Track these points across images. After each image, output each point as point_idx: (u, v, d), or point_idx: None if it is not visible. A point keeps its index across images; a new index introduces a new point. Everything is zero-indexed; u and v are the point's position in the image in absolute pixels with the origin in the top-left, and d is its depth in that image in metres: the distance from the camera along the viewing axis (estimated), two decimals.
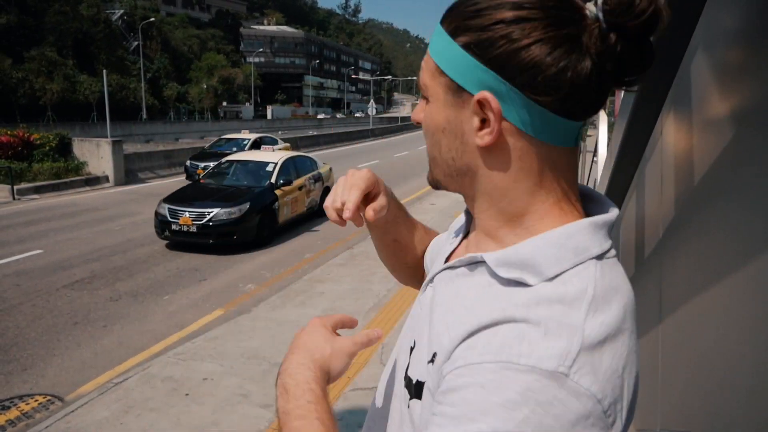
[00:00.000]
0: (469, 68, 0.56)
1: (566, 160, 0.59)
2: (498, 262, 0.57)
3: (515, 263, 0.56)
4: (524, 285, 0.55)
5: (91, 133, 32.44)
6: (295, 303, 5.63)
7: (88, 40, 50.30)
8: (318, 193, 10.43)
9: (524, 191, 0.59)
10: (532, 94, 0.54)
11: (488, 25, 0.54)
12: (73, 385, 4.23)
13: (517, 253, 0.57)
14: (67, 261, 7.37)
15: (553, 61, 0.52)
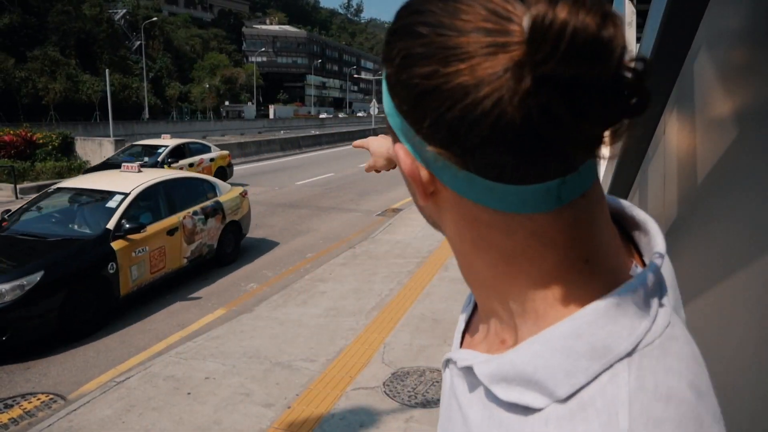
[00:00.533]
0: (391, 108, 0.43)
1: (551, 224, 0.41)
2: (493, 378, 0.43)
3: (514, 379, 0.41)
4: (530, 410, 0.40)
5: (94, 132, 32.51)
6: (296, 302, 5.64)
7: (90, 39, 50.42)
8: (215, 234, 7.05)
9: (494, 261, 0.43)
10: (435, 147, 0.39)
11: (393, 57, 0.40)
12: (76, 383, 4.24)
13: (513, 365, 0.42)
14: None
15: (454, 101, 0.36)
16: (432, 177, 0.42)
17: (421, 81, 0.37)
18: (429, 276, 6.53)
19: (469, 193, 0.41)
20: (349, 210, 11.44)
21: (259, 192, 13.47)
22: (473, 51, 0.35)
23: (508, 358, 0.42)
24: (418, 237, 8.50)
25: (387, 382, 3.97)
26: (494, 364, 0.43)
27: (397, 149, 0.43)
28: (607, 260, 0.43)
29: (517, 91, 0.34)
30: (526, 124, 0.34)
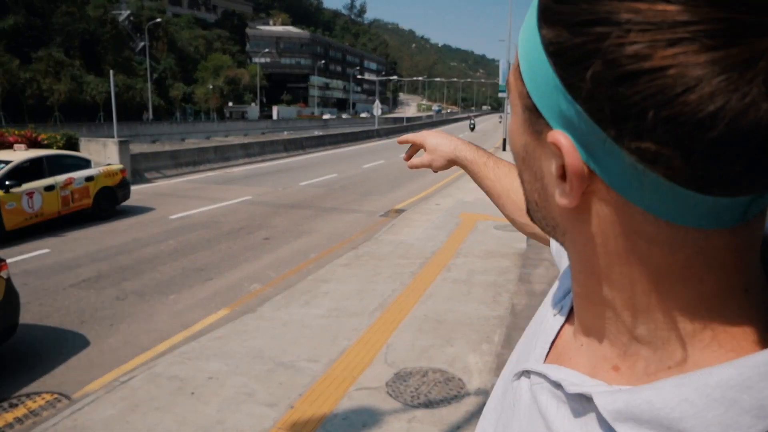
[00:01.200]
0: (548, 84, 0.34)
1: (724, 244, 0.34)
2: (620, 415, 0.35)
3: (649, 422, 0.34)
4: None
5: (98, 133, 32.66)
6: (299, 303, 5.65)
7: (94, 40, 50.65)
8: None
9: (639, 277, 0.36)
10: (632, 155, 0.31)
11: (589, 20, 0.30)
12: (80, 383, 4.27)
13: (652, 406, 0.34)
14: (74, 260, 7.42)
15: (702, 101, 0.27)
16: (591, 175, 0.34)
17: (629, 60, 0.29)
18: (432, 277, 6.53)
19: (642, 198, 0.33)
20: (352, 211, 11.45)
21: (263, 192, 13.51)
22: (712, 29, 0.27)
23: (645, 396, 0.35)
24: (421, 238, 8.51)
25: (389, 383, 3.97)
26: (624, 400, 0.35)
27: (558, 138, 0.34)
28: (764, 292, 0.36)
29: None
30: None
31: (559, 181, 0.36)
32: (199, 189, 14.03)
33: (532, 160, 0.40)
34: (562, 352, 0.47)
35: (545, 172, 0.39)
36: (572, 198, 0.35)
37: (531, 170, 0.40)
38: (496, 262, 7.19)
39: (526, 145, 0.40)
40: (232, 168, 18.79)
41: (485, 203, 11.32)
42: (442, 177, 17.25)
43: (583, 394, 0.39)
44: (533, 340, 0.53)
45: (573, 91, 0.32)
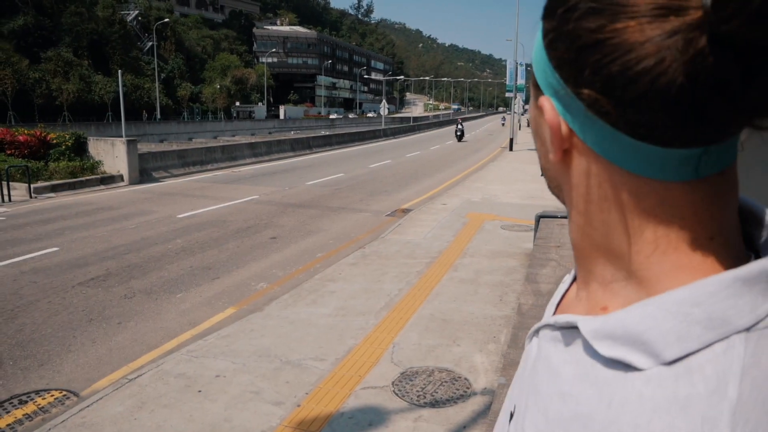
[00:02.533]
0: (543, 63, 0.44)
1: (683, 196, 0.42)
2: (596, 333, 0.43)
3: (620, 337, 0.42)
4: (632, 369, 0.41)
5: (106, 132, 32.87)
6: (306, 302, 5.66)
7: (103, 40, 50.93)
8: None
9: (615, 223, 0.44)
10: (585, 104, 0.41)
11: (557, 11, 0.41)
12: (88, 380, 4.30)
13: (622, 323, 0.42)
14: (83, 259, 7.47)
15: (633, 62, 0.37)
16: (571, 133, 0.44)
17: (586, 34, 0.38)
18: (438, 276, 6.53)
19: (609, 151, 0.42)
20: (359, 210, 11.46)
21: (270, 192, 13.54)
22: (644, 11, 0.36)
23: (618, 316, 0.43)
24: (428, 237, 8.51)
25: (396, 382, 3.98)
26: (600, 321, 0.43)
27: (543, 101, 0.44)
28: (729, 242, 0.43)
29: (686, 52, 0.35)
30: (686, 86, 0.35)
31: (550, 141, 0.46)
32: (207, 188, 14.09)
33: (538, 129, 0.49)
34: (565, 309, 0.55)
35: (546, 137, 0.47)
36: (555, 151, 0.45)
37: (540, 138, 0.49)
38: (503, 261, 7.18)
39: (534, 118, 0.49)
40: (240, 167, 18.85)
41: (492, 203, 11.43)
42: (449, 177, 17.24)
43: (571, 324, 0.47)
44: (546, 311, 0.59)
45: (553, 62, 0.42)
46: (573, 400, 0.43)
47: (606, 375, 0.42)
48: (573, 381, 0.45)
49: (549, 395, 0.47)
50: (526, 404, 0.50)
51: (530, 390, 0.50)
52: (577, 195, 0.46)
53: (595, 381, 0.42)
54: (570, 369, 0.46)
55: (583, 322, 0.45)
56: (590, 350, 0.44)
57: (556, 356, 0.48)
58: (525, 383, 0.53)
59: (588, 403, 0.42)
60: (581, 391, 0.43)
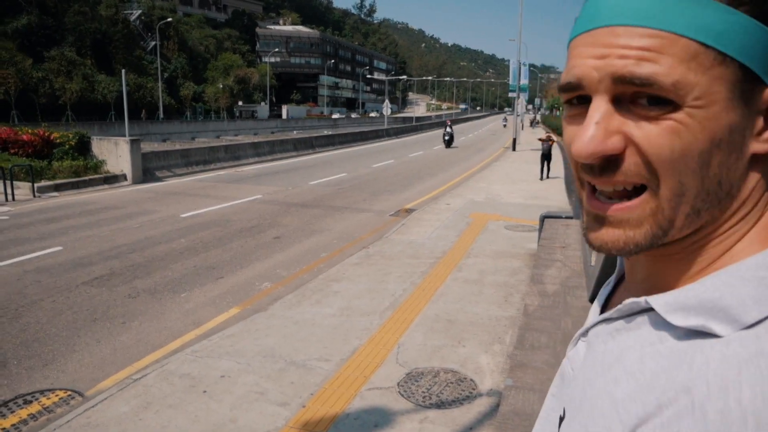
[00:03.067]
0: (760, 44, 0.39)
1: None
2: (669, 306, 0.42)
3: (694, 307, 0.41)
4: (710, 336, 0.40)
5: (109, 132, 32.89)
6: (311, 302, 5.65)
7: (106, 40, 51.02)
8: None
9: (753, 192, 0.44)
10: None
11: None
12: (93, 380, 4.29)
13: (695, 293, 0.41)
14: (87, 258, 7.47)
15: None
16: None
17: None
18: (442, 277, 6.52)
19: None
20: (363, 210, 11.45)
21: (273, 191, 13.54)
22: None
23: (690, 287, 0.42)
24: (432, 237, 8.49)
25: (401, 383, 3.96)
26: (673, 295, 0.43)
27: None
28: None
29: None
30: None
31: (758, 134, 0.42)
32: (210, 188, 14.10)
33: (736, 135, 0.41)
34: (616, 302, 0.53)
35: (746, 138, 0.42)
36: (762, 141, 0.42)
37: (731, 147, 0.41)
38: (507, 262, 7.16)
39: (731, 126, 0.41)
40: (243, 167, 18.85)
41: (496, 203, 11.40)
42: (452, 177, 17.22)
43: (635, 309, 0.46)
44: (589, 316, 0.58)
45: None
46: (646, 373, 0.41)
47: (680, 346, 0.41)
48: (642, 359, 0.43)
49: (613, 379, 0.44)
50: (581, 401, 0.48)
51: (584, 387, 0.48)
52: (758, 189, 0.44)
53: (669, 353, 0.41)
54: (635, 351, 0.44)
55: (654, 299, 0.43)
56: (660, 326, 0.43)
57: (615, 346, 0.47)
58: (575, 384, 0.51)
59: (664, 373, 0.40)
60: (654, 365, 0.41)
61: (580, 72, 0.42)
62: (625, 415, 0.41)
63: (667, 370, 0.40)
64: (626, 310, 0.47)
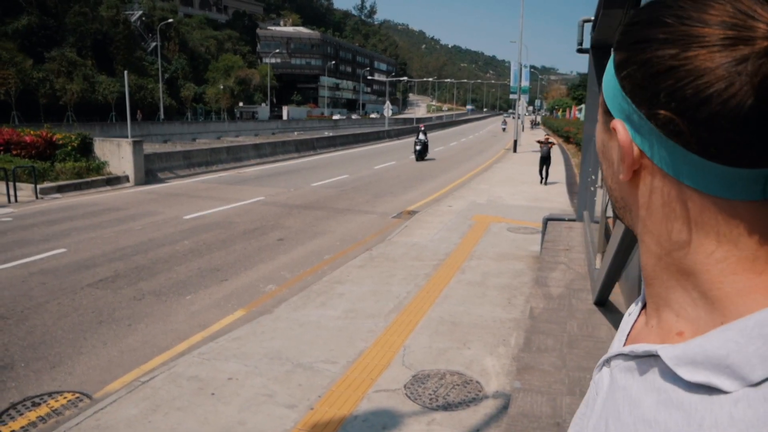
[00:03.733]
0: (614, 89, 0.48)
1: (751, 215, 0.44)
2: (678, 360, 0.45)
3: (702, 363, 0.43)
4: (717, 392, 0.42)
5: (110, 133, 32.96)
6: (315, 304, 5.68)
7: (107, 41, 51.08)
8: None
9: (684, 242, 0.46)
10: (658, 126, 0.44)
11: (632, 43, 0.45)
12: (101, 382, 4.32)
13: (702, 349, 0.43)
14: (91, 260, 7.49)
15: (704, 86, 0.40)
16: (641, 154, 0.47)
17: (661, 61, 0.42)
18: (446, 279, 6.54)
19: (679, 170, 0.44)
20: (365, 212, 11.47)
21: (276, 193, 13.56)
22: (714, 41, 0.40)
23: (697, 342, 0.44)
24: (435, 239, 8.51)
25: (408, 385, 3.99)
26: (681, 348, 0.45)
27: (616, 124, 0.47)
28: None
29: (755, 76, 0.39)
30: (756, 107, 0.39)
31: (620, 162, 0.49)
32: (212, 189, 14.12)
33: (607, 151, 0.52)
34: (636, 338, 0.55)
35: (614, 159, 0.50)
36: (626, 171, 0.48)
37: (608, 160, 0.52)
38: (510, 264, 7.18)
39: (603, 141, 0.52)
40: (245, 168, 18.88)
41: (498, 205, 11.39)
42: (454, 178, 17.25)
43: (650, 353, 0.48)
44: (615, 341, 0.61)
45: (626, 89, 0.46)
46: (661, 426, 0.44)
47: (691, 399, 0.43)
48: (657, 408, 0.45)
49: (633, 423, 0.47)
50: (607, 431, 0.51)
51: (610, 418, 0.51)
52: (646, 214, 0.49)
53: (680, 405, 0.43)
54: (651, 397, 0.47)
55: (663, 350, 0.46)
56: (671, 377, 0.45)
57: (634, 385, 0.49)
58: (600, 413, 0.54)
59: (677, 428, 0.43)
60: (668, 417, 0.44)
61: None
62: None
63: (680, 427, 0.43)
64: (641, 352, 0.49)
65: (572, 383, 3.16)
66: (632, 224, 0.53)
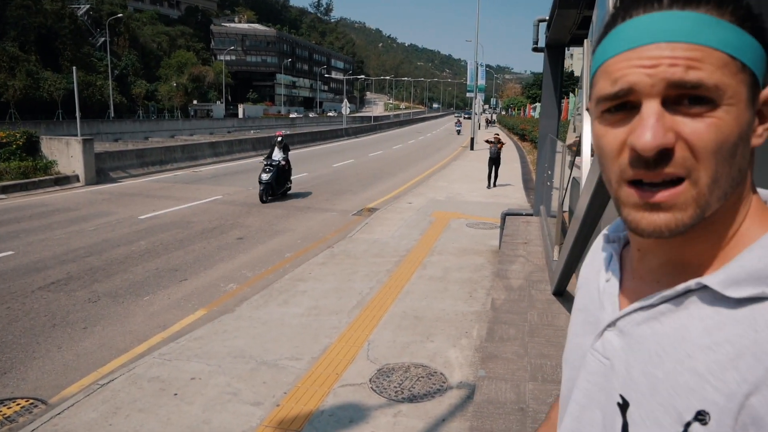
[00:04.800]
0: (759, 56, 0.49)
1: None
2: (724, 283, 0.50)
3: (745, 279, 0.49)
4: (761, 300, 0.48)
5: (57, 131, 31.61)
6: (278, 302, 5.64)
7: (52, 35, 49.00)
8: None
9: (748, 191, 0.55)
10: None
11: None
12: (57, 387, 4.17)
13: (743, 268, 0.50)
14: (41, 262, 7.21)
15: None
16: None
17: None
18: (408, 274, 6.61)
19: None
20: (325, 210, 11.44)
21: (234, 192, 13.36)
22: None
23: (736, 264, 0.50)
24: (396, 236, 8.58)
25: (373, 379, 4.02)
26: (723, 273, 0.50)
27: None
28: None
29: None
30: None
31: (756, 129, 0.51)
32: (168, 188, 13.79)
33: (748, 130, 0.51)
34: (635, 296, 0.58)
35: (751, 135, 0.51)
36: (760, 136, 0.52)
37: (746, 141, 0.51)
38: (470, 259, 7.31)
39: (749, 120, 0.51)
40: (201, 167, 18.51)
41: (457, 202, 11.55)
42: (413, 176, 17.38)
43: (688, 289, 0.52)
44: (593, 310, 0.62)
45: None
46: (725, 344, 0.48)
47: (744, 313, 0.48)
48: (710, 332, 0.49)
49: (686, 355, 0.50)
50: (652, 384, 0.52)
51: (646, 370, 0.53)
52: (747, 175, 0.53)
53: (735, 320, 0.48)
54: (698, 325, 0.50)
55: (707, 280, 0.51)
56: (715, 301, 0.50)
57: (665, 327, 0.53)
58: (628, 371, 0.55)
59: (747, 336, 0.47)
60: (728, 334, 0.48)
61: (634, 79, 0.49)
62: (722, 384, 0.47)
63: (745, 336, 0.47)
64: (672, 294, 0.53)
65: (534, 370, 3.27)
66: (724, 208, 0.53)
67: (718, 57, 0.48)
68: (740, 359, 0.47)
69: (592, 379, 0.60)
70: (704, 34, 0.48)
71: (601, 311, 0.60)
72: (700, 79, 0.47)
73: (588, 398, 0.60)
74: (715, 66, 0.47)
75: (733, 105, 0.48)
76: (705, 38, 0.48)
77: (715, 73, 0.47)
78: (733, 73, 0.48)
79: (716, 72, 0.47)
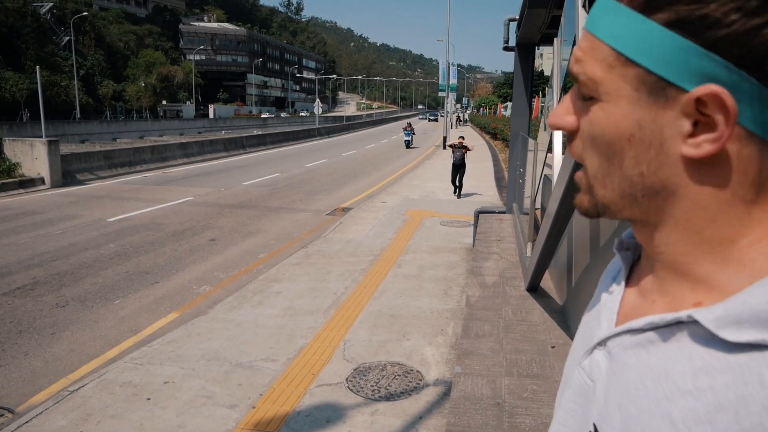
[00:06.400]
0: (680, 55, 0.41)
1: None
2: (721, 322, 0.41)
3: (748, 320, 0.40)
4: (765, 348, 0.40)
5: (21, 133, 30.76)
6: (252, 303, 5.59)
7: (14, 34, 47.59)
8: None
9: (741, 213, 0.44)
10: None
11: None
12: (24, 395, 4.06)
13: (747, 306, 0.41)
14: (5, 267, 7.00)
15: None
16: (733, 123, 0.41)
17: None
18: (383, 273, 6.62)
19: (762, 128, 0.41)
20: (299, 210, 11.38)
21: (205, 193, 13.18)
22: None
23: (740, 300, 0.41)
24: (370, 235, 8.58)
25: (350, 378, 4.02)
26: (721, 308, 0.42)
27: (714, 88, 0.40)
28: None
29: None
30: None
31: (686, 138, 0.42)
32: (137, 190, 13.53)
33: (648, 133, 0.44)
34: (631, 314, 0.52)
35: (666, 137, 0.43)
36: (719, 143, 0.41)
37: (644, 143, 0.44)
38: (444, 257, 7.36)
39: (639, 122, 0.44)
40: (171, 168, 18.21)
41: (431, 200, 11.64)
42: (386, 175, 17.41)
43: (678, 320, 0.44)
44: (592, 324, 0.57)
45: (714, 48, 0.39)
46: (707, 392, 0.41)
47: (738, 360, 0.40)
48: (695, 375, 0.42)
49: (663, 397, 0.44)
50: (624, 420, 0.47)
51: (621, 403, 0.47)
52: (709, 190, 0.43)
53: (726, 368, 0.41)
54: (683, 365, 0.43)
55: (699, 314, 0.42)
56: (707, 341, 0.42)
57: (652, 359, 0.46)
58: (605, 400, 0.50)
59: (734, 389, 0.40)
60: (712, 382, 0.41)
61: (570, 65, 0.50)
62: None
63: (732, 388, 0.40)
64: (660, 322, 0.46)
65: (510, 365, 3.31)
66: (647, 213, 0.47)
67: (599, 48, 0.45)
68: (719, 413, 0.40)
69: (575, 399, 0.56)
70: (597, 21, 0.45)
71: (597, 326, 0.55)
72: (579, 72, 0.46)
73: (571, 418, 0.56)
74: (595, 58, 0.45)
75: (609, 102, 0.45)
76: (596, 27, 0.45)
77: (591, 66, 0.45)
78: (611, 67, 0.44)
79: (593, 65, 0.45)
